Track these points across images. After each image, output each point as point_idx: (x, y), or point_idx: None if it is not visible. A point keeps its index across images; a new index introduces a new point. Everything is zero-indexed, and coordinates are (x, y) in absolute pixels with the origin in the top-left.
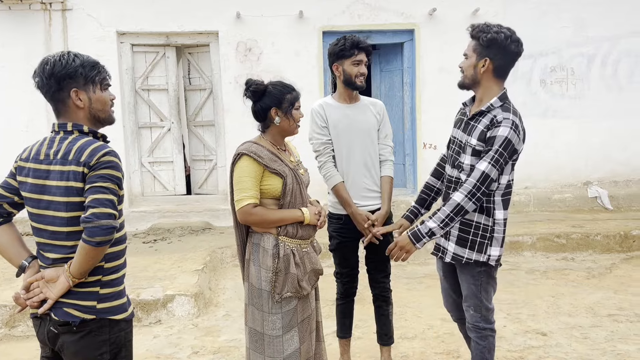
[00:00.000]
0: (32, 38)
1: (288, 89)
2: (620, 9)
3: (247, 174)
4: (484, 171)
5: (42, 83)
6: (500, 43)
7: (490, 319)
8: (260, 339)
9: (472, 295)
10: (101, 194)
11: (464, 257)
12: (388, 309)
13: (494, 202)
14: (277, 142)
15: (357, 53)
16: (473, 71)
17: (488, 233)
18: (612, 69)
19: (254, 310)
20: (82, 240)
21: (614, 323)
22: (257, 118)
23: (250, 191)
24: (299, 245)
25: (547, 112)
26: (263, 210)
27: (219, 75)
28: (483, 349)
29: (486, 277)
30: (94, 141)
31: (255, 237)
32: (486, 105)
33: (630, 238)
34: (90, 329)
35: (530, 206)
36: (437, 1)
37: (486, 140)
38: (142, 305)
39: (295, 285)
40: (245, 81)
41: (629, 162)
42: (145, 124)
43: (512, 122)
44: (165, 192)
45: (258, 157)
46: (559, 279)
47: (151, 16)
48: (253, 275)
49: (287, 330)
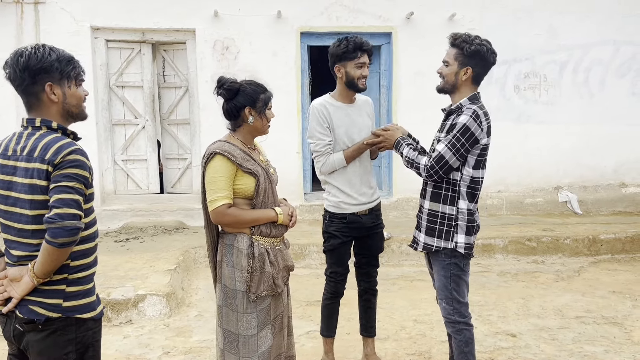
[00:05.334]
0: (3, 31)
1: (262, 88)
2: (592, 19)
3: (220, 174)
4: (439, 152)
5: (15, 75)
6: (483, 54)
7: (464, 313)
8: (235, 339)
9: (442, 287)
10: (66, 193)
11: (433, 245)
12: (374, 301)
13: (459, 192)
14: (247, 142)
15: (360, 55)
16: (454, 78)
17: (453, 221)
18: (583, 76)
19: (228, 311)
20: (45, 240)
21: (581, 325)
22: (228, 117)
23: (224, 191)
24: (272, 243)
25: (521, 117)
26: (237, 211)
27: (195, 74)
28: (460, 343)
29: (456, 269)
30: (61, 138)
31: (228, 237)
32: (456, 105)
33: (598, 242)
34: (55, 327)
35: (503, 209)
36: (415, 5)
37: (450, 129)
38: (112, 305)
39: (271, 284)
40: (217, 79)
41: (597, 168)
42: (119, 121)
43: (473, 111)
44: (139, 190)
45: (232, 157)
46: (529, 281)
47: (127, 12)
48: (227, 277)
49: (262, 329)
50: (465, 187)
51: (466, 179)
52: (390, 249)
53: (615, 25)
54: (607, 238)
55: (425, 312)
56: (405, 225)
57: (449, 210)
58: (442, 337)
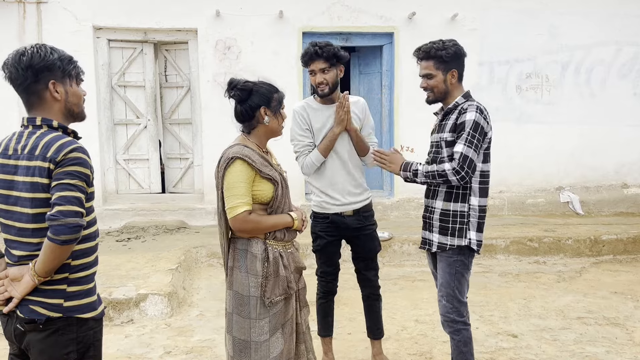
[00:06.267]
0: (5, 31)
1: (275, 88)
2: (594, 19)
3: (241, 179)
4: (461, 152)
5: (17, 74)
6: (459, 52)
7: (463, 312)
8: (246, 347)
9: (445, 284)
10: (68, 191)
11: (447, 244)
12: (379, 304)
13: (471, 188)
14: (262, 145)
15: (310, 63)
16: (444, 85)
17: (465, 218)
18: (585, 77)
19: (239, 318)
20: (48, 238)
21: (583, 326)
22: (242, 118)
23: (245, 197)
24: (284, 247)
25: (522, 118)
26: (258, 217)
27: (197, 73)
28: (458, 343)
29: (461, 267)
30: (62, 136)
31: (241, 242)
32: (452, 103)
33: (600, 243)
34: (56, 327)
35: (505, 210)
36: (417, 5)
37: (457, 128)
38: (114, 304)
39: (285, 287)
40: (228, 81)
41: (599, 168)
42: (121, 121)
43: (477, 107)
44: (140, 190)
45: (252, 162)
46: (531, 281)
47: (129, 11)
48: (239, 283)
49: (273, 333)
50: (477, 182)
51: (477, 175)
52: (392, 249)
53: (617, 25)
54: (609, 239)
55: (427, 312)
56: (407, 226)
57: (461, 207)
58: (443, 338)
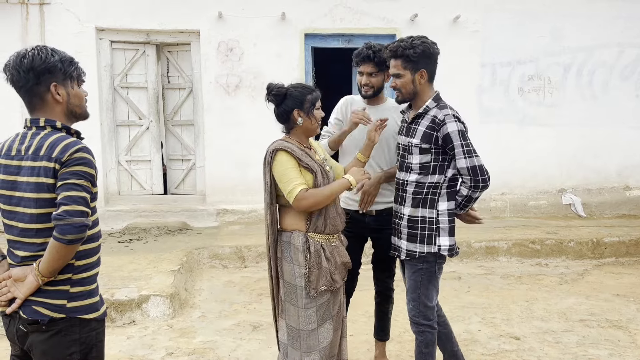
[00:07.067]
0: (8, 32)
1: (308, 90)
2: (596, 21)
3: (289, 166)
4: (467, 166)
5: (19, 77)
6: (429, 51)
7: (429, 316)
8: (297, 334)
9: (412, 289)
10: (73, 191)
11: (416, 252)
12: (389, 307)
13: (439, 194)
14: (302, 142)
15: (360, 64)
16: (413, 86)
17: (434, 225)
18: (587, 79)
19: (290, 306)
20: (53, 237)
21: (585, 328)
22: (280, 120)
23: (298, 179)
24: (327, 240)
25: (525, 120)
26: (314, 191)
27: (199, 75)
28: (420, 344)
29: (427, 274)
30: (66, 137)
31: (285, 235)
32: (423, 108)
33: (602, 245)
34: (59, 328)
35: (507, 212)
36: (419, 7)
37: (442, 141)
38: (116, 306)
39: (329, 279)
40: (266, 86)
41: (602, 171)
42: (123, 122)
43: (453, 116)
44: (143, 191)
45: (292, 151)
46: (533, 284)
47: (131, 13)
48: (287, 272)
49: (322, 323)
50: (445, 187)
51: (446, 180)
52: None
53: (620, 27)
54: (611, 241)
55: None
56: None
57: (429, 213)
58: None
